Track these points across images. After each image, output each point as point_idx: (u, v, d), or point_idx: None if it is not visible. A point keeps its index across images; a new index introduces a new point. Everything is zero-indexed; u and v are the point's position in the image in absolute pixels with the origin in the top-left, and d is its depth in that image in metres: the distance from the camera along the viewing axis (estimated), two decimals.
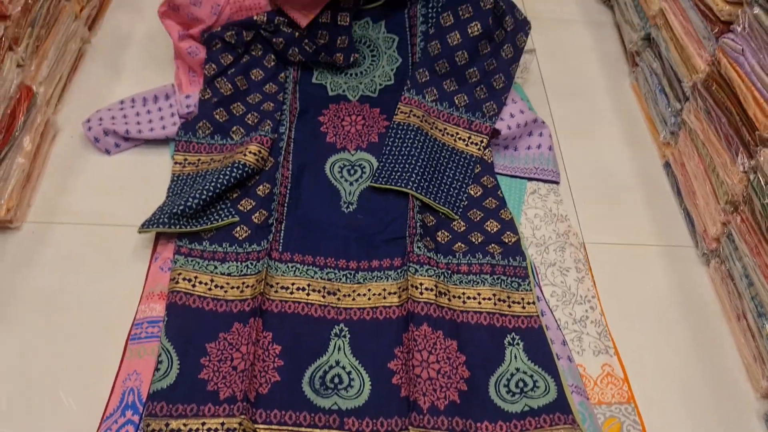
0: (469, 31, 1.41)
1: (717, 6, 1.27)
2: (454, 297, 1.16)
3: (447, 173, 1.35)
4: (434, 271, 1.17)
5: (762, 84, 1.13)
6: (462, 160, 1.37)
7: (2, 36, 1.21)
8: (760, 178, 1.10)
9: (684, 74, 1.39)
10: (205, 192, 1.22)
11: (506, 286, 1.19)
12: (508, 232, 1.27)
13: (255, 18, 1.44)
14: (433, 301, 1.12)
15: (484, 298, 1.17)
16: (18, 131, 1.25)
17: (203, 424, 0.99)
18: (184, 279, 1.15)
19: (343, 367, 1.08)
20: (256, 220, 1.24)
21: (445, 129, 1.41)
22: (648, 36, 1.60)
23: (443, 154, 1.37)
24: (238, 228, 1.23)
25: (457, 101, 1.43)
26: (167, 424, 0.98)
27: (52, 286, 1.17)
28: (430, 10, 1.50)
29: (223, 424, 0.99)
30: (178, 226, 1.19)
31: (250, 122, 1.40)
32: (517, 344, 1.12)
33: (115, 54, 1.61)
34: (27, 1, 1.28)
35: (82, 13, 1.56)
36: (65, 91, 1.49)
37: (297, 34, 1.46)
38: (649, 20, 1.58)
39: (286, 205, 1.28)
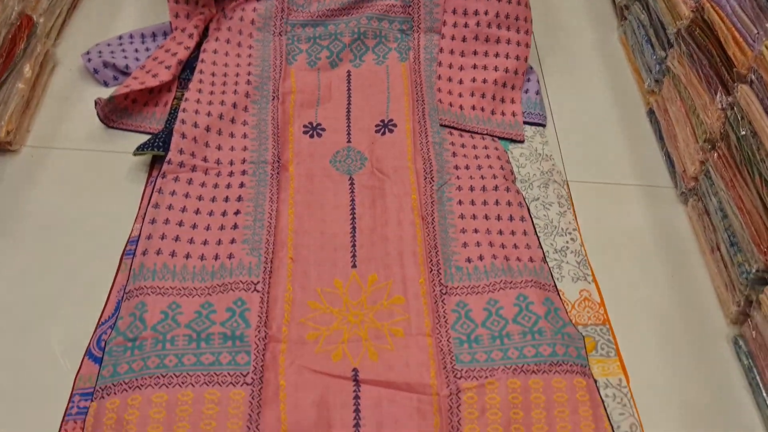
0: None
1: None
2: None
3: None
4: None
5: (742, 24, 1.17)
6: None
7: None
8: (737, 113, 1.15)
9: (669, 22, 1.42)
10: None
11: None
12: None
13: None
14: None
15: None
16: (18, 58, 1.28)
17: None
18: None
19: None
20: None
21: None
22: None
23: None
24: None
25: None
26: None
27: (51, 206, 1.20)
28: None
29: None
30: None
31: None
32: None
33: None
34: None
35: None
36: (65, 25, 1.52)
37: None
38: None
39: None
